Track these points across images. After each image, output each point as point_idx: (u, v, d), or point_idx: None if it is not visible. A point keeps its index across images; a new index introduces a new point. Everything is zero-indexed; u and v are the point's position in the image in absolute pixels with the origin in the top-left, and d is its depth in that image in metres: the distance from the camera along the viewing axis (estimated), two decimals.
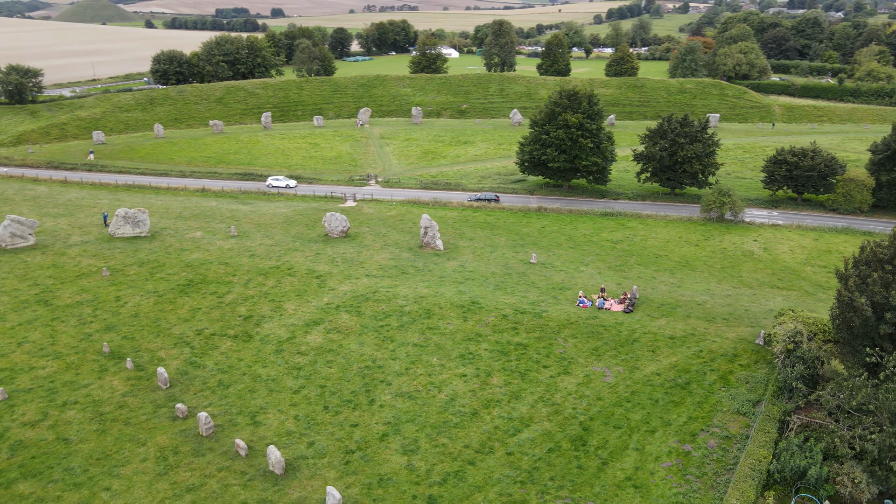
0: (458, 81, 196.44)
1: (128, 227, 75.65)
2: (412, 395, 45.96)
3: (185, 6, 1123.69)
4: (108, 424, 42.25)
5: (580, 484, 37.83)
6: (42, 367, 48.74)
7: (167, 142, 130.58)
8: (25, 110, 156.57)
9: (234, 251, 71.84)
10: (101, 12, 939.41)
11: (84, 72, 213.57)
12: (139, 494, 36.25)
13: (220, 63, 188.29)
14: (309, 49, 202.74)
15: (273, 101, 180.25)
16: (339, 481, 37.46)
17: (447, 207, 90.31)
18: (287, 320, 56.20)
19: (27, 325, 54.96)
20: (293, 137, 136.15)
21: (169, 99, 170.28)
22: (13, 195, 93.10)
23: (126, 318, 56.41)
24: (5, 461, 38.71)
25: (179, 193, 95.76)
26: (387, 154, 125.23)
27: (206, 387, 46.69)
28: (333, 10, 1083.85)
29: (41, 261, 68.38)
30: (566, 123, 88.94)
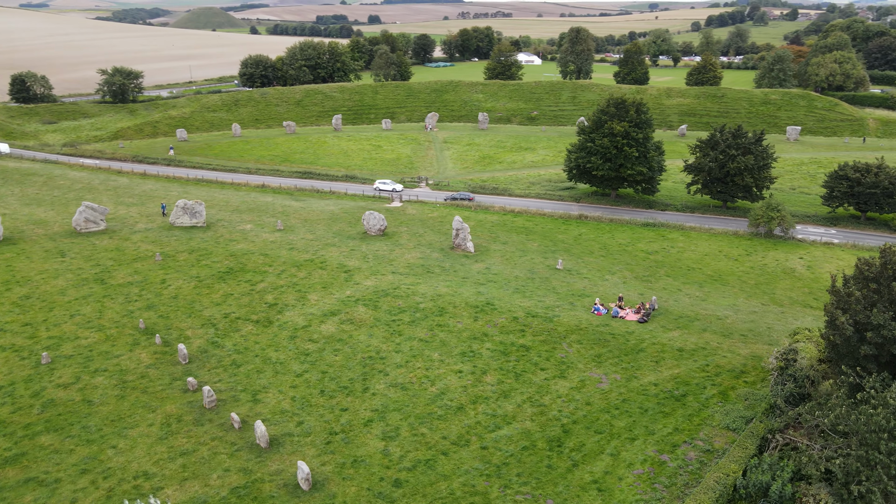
0: (530, 88, 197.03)
1: (186, 218, 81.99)
2: (405, 387, 48.02)
3: (289, 13, 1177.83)
4: (128, 391, 46.83)
5: (545, 482, 38.64)
6: (85, 337, 54.33)
7: (242, 140, 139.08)
8: (126, 109, 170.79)
9: (276, 244, 76.45)
10: (212, 19, 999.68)
11: (183, 74, 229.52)
12: (139, 454, 40.25)
13: (303, 67, 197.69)
14: (386, 55, 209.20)
15: (348, 104, 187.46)
16: (315, 458, 40.06)
17: (488, 212, 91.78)
18: (307, 310, 59.65)
19: (82, 299, 61.15)
20: (359, 139, 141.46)
21: (252, 100, 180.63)
22: (98, 185, 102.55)
23: (166, 298, 61.65)
24: (36, 416, 43.86)
25: (241, 188, 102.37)
26: (445, 158, 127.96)
27: (220, 365, 50.65)
28: (428, 17, 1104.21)
29: (107, 244, 75.45)
30: (612, 132, 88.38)
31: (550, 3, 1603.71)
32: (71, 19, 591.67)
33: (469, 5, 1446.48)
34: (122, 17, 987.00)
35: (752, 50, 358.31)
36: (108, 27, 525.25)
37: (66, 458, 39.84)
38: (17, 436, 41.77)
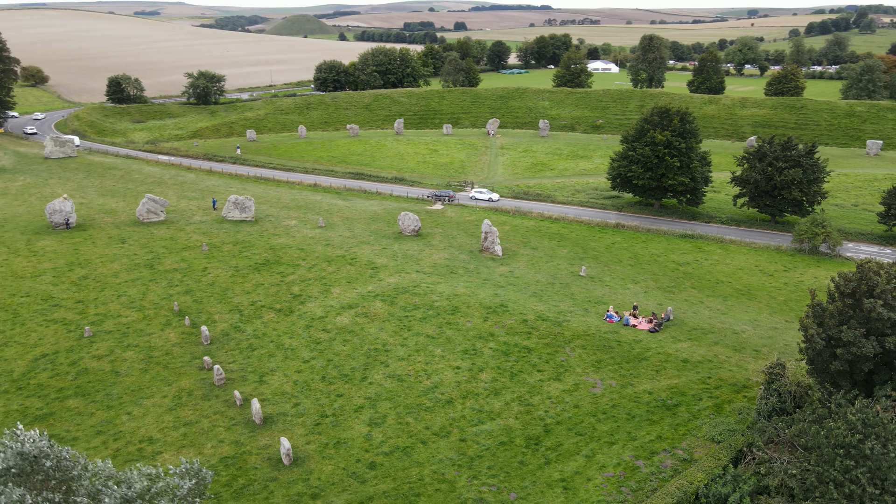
0: (597, 96, 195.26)
1: (236, 212, 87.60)
2: (402, 378, 50.23)
3: (378, 20, 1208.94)
4: (151, 366, 51.40)
5: (513, 476, 39.85)
6: (126, 315, 59.72)
7: (306, 142, 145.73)
8: (207, 110, 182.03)
9: (314, 239, 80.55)
10: (305, 26, 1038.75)
11: (265, 79, 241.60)
12: (148, 421, 44.40)
13: (373, 73, 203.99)
14: (456, 61, 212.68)
15: (414, 108, 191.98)
16: (302, 437, 42.91)
17: (526, 217, 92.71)
18: (328, 302, 62.96)
19: (131, 282, 67.00)
20: (417, 143, 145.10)
21: (323, 104, 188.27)
22: (167, 180, 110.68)
23: (204, 285, 66.59)
24: (69, 382, 49.01)
25: (294, 187, 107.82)
26: (497, 163, 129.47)
27: (237, 347, 54.57)
28: (514, 24, 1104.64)
29: (163, 233, 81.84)
30: (653, 140, 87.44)
31: (642, 10, 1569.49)
32: (175, 26, 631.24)
33: (557, 12, 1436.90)
34: (223, 24, 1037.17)
35: (851, 59, 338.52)
36: (207, 34, 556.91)
37: (86, 420, 44.49)
38: (50, 398, 46.92)
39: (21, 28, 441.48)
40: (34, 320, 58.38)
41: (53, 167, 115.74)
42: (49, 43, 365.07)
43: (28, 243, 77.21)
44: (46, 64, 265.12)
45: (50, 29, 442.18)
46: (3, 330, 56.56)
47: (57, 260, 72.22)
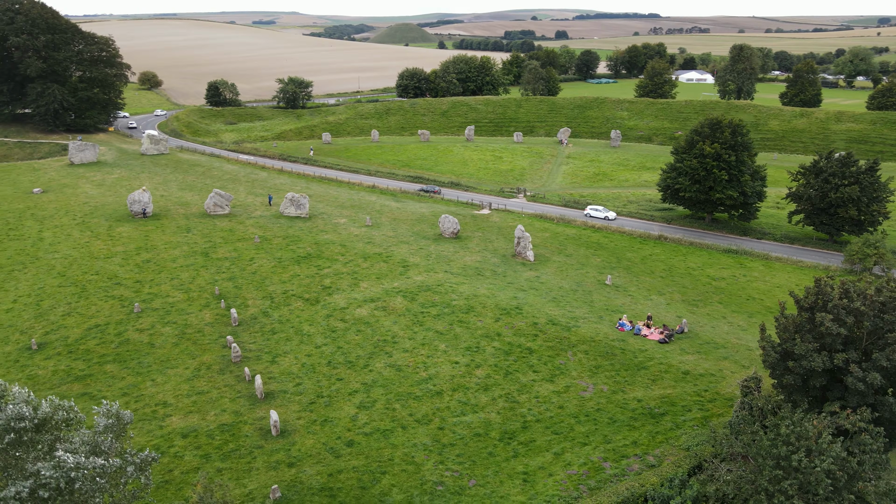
0: (678, 107, 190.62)
1: (292, 209, 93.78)
2: (400, 368, 53.21)
3: (479, 29, 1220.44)
4: (183, 341, 57.14)
5: (478, 465, 41.85)
6: (173, 296, 66.26)
7: (377, 146, 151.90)
8: (294, 114, 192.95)
9: (358, 237, 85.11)
10: (407, 34, 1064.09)
11: (353, 85, 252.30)
12: (167, 388, 49.79)
13: (453, 80, 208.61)
14: (535, 70, 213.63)
15: (490, 116, 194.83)
16: (294, 413, 46.79)
17: (570, 225, 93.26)
18: (353, 295, 66.97)
19: (186, 267, 73.93)
20: (484, 150, 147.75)
21: (402, 110, 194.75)
22: (242, 177, 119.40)
23: (246, 273, 72.43)
24: (111, 349, 55.47)
25: (354, 187, 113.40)
26: (558, 172, 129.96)
27: (261, 330, 59.48)
28: (617, 33, 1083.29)
29: (224, 225, 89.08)
30: (701, 153, 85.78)
31: (758, 18, 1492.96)
32: (285, 35, 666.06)
33: (665, 21, 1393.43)
34: (331, 33, 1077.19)
35: None
36: (312, 42, 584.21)
37: (116, 383, 50.49)
38: (92, 362, 53.42)
39: (147, 36, 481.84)
40: (97, 295, 65.96)
41: (147, 162, 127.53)
42: (168, 50, 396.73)
43: (109, 229, 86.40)
44: (163, 69, 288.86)
45: (171, 37, 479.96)
46: (70, 302, 64.37)
47: (128, 244, 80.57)
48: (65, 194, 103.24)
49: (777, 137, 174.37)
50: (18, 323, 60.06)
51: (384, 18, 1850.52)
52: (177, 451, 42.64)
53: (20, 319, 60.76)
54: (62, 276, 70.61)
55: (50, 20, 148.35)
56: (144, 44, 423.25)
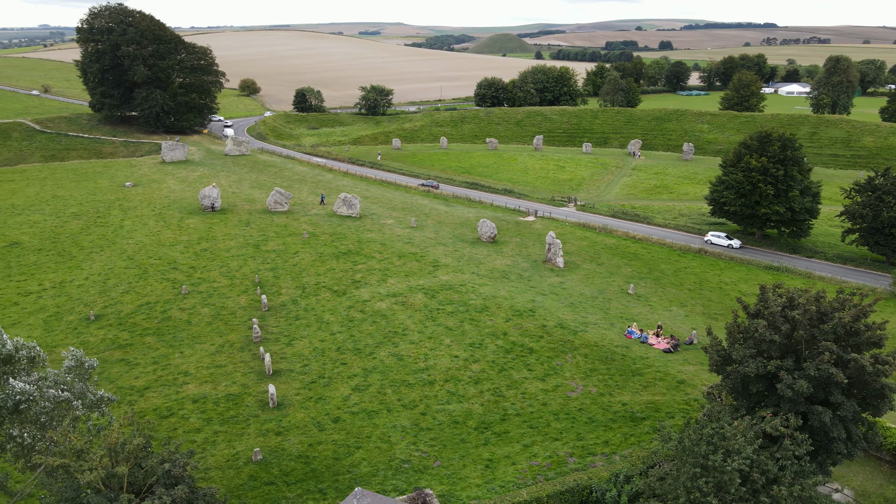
0: (763, 121, 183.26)
1: (344, 208, 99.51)
2: (401, 358, 56.59)
3: (580, 39, 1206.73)
4: (216, 321, 63.17)
5: (448, 448, 44.50)
6: (218, 282, 72.91)
7: (443, 152, 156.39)
8: (373, 120, 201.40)
9: (399, 237, 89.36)
10: (506, 44, 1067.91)
11: (435, 94, 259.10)
12: (192, 360, 55.62)
13: (530, 90, 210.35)
14: (615, 81, 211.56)
15: (564, 126, 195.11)
16: (294, 390, 51.17)
17: (611, 235, 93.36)
18: (378, 289, 71.07)
19: (236, 257, 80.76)
20: (548, 159, 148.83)
21: (477, 119, 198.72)
22: (309, 178, 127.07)
23: (288, 265, 78.24)
24: (154, 324, 62.28)
25: (410, 191, 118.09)
26: (618, 183, 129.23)
27: (286, 316, 64.64)
28: (727, 43, 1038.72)
29: (280, 221, 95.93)
30: (748, 166, 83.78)
31: (888, 29, 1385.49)
32: (385, 45, 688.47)
33: (781, 31, 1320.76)
34: (432, 44, 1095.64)
35: None
36: (409, 52, 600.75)
37: (150, 353, 56.91)
38: (135, 333, 60.31)
39: (255, 46, 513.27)
40: (154, 277, 73.68)
41: (228, 162, 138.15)
42: (271, 59, 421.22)
43: (179, 220, 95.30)
44: (264, 77, 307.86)
45: (277, 47, 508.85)
46: (131, 282, 72.34)
47: (192, 234, 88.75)
48: (151, 188, 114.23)
49: (870, 155, 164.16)
50: (85, 297, 68.36)
51: (486, 29, 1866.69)
52: (185, 413, 48.03)
53: (87, 294, 69.10)
54: (130, 259, 79.16)
55: (156, 31, 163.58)
56: (251, 53, 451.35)
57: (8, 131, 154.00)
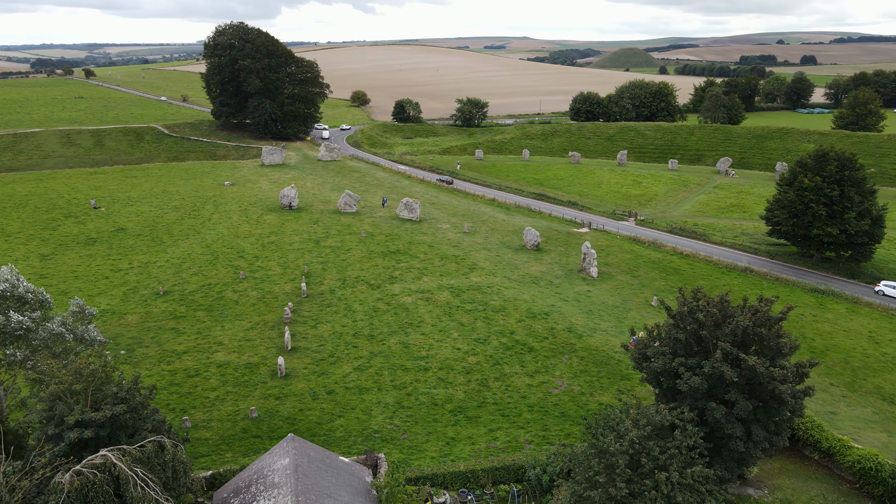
0: (878, 141, 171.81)
1: (405, 212, 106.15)
2: (407, 346, 61.66)
3: (712, 54, 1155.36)
4: (259, 303, 71.31)
5: (419, 425, 49.01)
6: (273, 270, 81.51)
7: (523, 164, 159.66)
8: (466, 132, 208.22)
9: (448, 241, 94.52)
10: (631, 59, 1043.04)
11: (535, 107, 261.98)
12: (228, 333, 63.78)
13: (626, 105, 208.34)
14: (717, 97, 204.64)
15: (657, 142, 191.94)
16: (303, 364, 57.65)
17: (658, 250, 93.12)
18: (410, 286, 76.58)
19: (296, 250, 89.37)
20: (626, 174, 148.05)
21: (568, 132, 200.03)
22: (387, 183, 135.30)
23: (338, 259, 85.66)
24: (209, 301, 71.43)
25: (476, 199, 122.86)
26: (691, 201, 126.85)
27: (321, 303, 71.66)
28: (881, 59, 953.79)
29: (346, 221, 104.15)
30: (800, 185, 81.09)
31: None
32: (503, 60, 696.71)
33: None
34: (555, 58, 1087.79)
35: None
36: (525, 66, 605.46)
37: (198, 324, 65.78)
38: (192, 308, 69.66)
39: (375, 60, 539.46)
40: (222, 263, 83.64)
41: (318, 167, 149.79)
42: (387, 72, 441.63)
43: (259, 216, 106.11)
44: (376, 88, 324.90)
45: (395, 61, 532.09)
46: (201, 266, 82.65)
47: (265, 229, 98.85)
48: (245, 188, 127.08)
49: None
50: (161, 276, 79.23)
51: (613, 43, 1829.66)
52: (208, 374, 55.86)
53: (163, 273, 79.99)
54: (207, 247, 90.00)
55: (270, 47, 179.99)
56: (370, 66, 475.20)
57: (142, 134, 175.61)
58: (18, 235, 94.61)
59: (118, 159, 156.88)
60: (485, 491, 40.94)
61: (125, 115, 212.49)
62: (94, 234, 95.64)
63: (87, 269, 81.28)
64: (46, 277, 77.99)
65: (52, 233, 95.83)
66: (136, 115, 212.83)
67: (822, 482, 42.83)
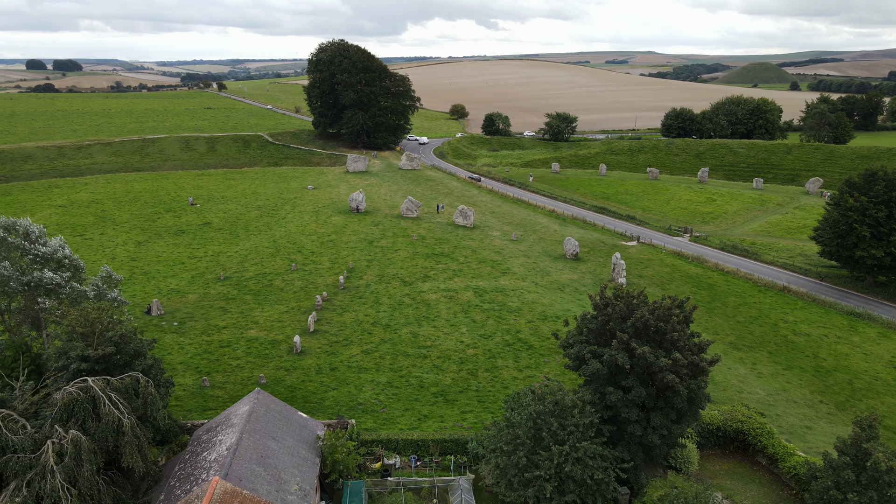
0: None
1: (460, 218, 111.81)
2: (416, 335, 67.20)
3: (857, 69, 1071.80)
4: (301, 291, 79.53)
5: (400, 401, 54.41)
6: (323, 264, 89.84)
7: (597, 179, 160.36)
8: (552, 146, 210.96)
9: (492, 247, 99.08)
10: (761, 74, 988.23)
11: (630, 123, 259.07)
12: (265, 315, 72.21)
13: (721, 122, 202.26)
14: (822, 115, 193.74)
15: (749, 161, 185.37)
16: (318, 344, 64.73)
17: (700, 265, 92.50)
18: (440, 284, 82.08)
19: (350, 248, 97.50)
20: (702, 192, 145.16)
21: (655, 149, 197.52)
22: (456, 192, 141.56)
23: (383, 258, 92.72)
24: (257, 288, 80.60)
25: (536, 210, 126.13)
26: (760, 220, 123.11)
27: (353, 295, 78.76)
28: None
29: (404, 225, 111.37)
30: (844, 205, 78.40)
31: None
32: (616, 76, 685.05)
33: None
34: (679, 73, 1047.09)
35: None
36: (640, 81, 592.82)
37: (241, 306, 74.84)
38: (244, 292, 79.06)
39: (484, 75, 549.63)
40: (281, 256, 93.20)
41: (397, 175, 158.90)
42: (494, 87, 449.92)
43: (328, 217, 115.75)
44: (478, 102, 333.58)
45: (504, 76, 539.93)
46: (263, 257, 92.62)
47: (329, 228, 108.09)
48: (324, 191, 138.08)
49: None
50: (227, 264, 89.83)
51: (744, 57, 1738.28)
52: (236, 346, 64.31)
53: (229, 262, 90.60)
54: (273, 242, 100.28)
55: (366, 63, 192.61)
56: (478, 80, 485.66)
57: (249, 141, 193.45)
58: (124, 225, 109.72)
59: (226, 163, 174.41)
60: (432, 459, 45.67)
61: (242, 125, 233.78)
62: (184, 226, 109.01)
63: (170, 255, 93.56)
64: (136, 260, 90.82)
65: (151, 224, 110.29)
66: (251, 125, 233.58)
67: (764, 486, 43.88)
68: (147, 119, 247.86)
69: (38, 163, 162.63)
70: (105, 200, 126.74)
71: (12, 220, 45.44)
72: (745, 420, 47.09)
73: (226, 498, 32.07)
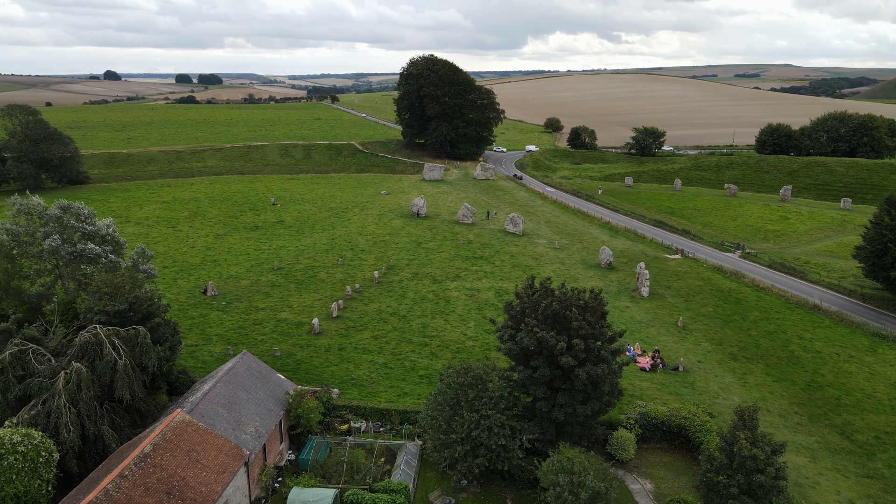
0: None
1: (510, 225, 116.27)
2: (426, 326, 73.02)
3: None
4: (339, 283, 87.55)
5: (389, 379, 60.52)
6: (368, 261, 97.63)
7: (668, 194, 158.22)
8: (637, 160, 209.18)
9: (532, 254, 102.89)
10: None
11: (727, 139, 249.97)
12: (300, 300, 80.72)
13: (821, 139, 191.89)
14: None
15: (847, 180, 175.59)
16: (335, 327, 72.13)
17: (737, 280, 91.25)
18: (465, 283, 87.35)
19: (398, 248, 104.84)
20: (778, 210, 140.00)
21: (743, 165, 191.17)
22: (520, 202, 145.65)
23: (425, 258, 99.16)
24: (302, 277, 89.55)
25: (593, 221, 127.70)
26: (827, 240, 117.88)
27: (384, 288, 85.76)
28: None
29: (457, 229, 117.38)
30: (882, 224, 75.47)
31: None
32: (736, 90, 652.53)
33: None
34: (816, 87, 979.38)
35: None
36: (764, 96, 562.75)
37: (283, 292, 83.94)
38: (288, 280, 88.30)
39: (592, 88, 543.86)
40: (333, 252, 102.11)
41: (469, 184, 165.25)
42: (600, 101, 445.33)
43: (389, 220, 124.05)
44: (576, 116, 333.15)
45: (610, 90, 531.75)
46: (318, 252, 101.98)
47: (386, 230, 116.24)
48: (396, 197, 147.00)
49: None
50: (284, 256, 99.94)
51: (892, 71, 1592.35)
52: (266, 323, 73.09)
53: (287, 255, 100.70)
54: (331, 239, 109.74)
55: (452, 76, 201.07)
56: (584, 95, 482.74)
57: (341, 149, 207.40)
58: (212, 220, 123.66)
59: (318, 169, 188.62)
60: (393, 426, 51.40)
61: (343, 134, 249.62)
62: (261, 223, 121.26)
63: (239, 247, 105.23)
64: (210, 250, 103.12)
65: (233, 219, 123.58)
66: (349, 134, 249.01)
67: (695, 477, 45.73)
68: (261, 128, 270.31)
69: (158, 165, 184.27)
70: (202, 199, 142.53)
71: (68, 203, 56.63)
72: (688, 417, 49.03)
73: (182, 426, 39.64)
